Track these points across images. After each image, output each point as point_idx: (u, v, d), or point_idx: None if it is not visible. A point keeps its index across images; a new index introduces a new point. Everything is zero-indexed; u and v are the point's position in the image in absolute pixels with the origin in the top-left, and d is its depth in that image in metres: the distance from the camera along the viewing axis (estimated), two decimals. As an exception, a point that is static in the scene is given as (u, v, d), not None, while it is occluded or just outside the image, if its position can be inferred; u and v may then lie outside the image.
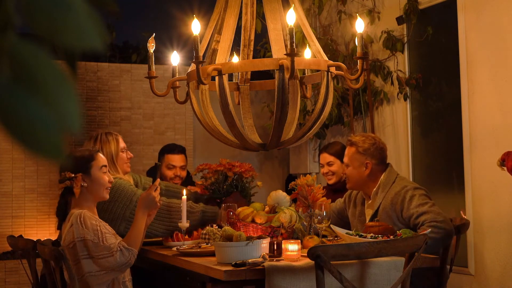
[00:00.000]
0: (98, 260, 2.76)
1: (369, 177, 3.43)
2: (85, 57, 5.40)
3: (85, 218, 2.79)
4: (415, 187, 3.32)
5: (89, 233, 2.75)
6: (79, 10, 0.63)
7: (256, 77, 3.90)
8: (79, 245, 2.76)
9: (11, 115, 0.60)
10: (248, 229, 3.11)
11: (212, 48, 3.27)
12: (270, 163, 6.70)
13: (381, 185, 3.41)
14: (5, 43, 0.61)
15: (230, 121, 3.00)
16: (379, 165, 3.45)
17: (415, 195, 3.24)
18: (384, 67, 5.35)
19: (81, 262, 2.77)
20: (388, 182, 3.40)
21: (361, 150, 3.43)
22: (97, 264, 2.76)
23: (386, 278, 2.70)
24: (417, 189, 3.29)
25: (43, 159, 0.62)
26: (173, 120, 6.09)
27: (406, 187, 3.30)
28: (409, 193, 3.26)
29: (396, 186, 3.35)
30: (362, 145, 3.44)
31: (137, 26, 6.86)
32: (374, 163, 3.43)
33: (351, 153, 3.47)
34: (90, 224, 2.78)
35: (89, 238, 2.75)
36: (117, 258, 2.75)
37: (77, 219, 2.78)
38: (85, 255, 2.76)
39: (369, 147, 3.43)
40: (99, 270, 2.77)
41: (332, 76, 3.16)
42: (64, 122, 0.62)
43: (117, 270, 2.80)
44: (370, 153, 3.43)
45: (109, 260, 2.75)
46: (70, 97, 0.62)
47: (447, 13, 4.81)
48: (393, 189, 3.35)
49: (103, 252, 2.75)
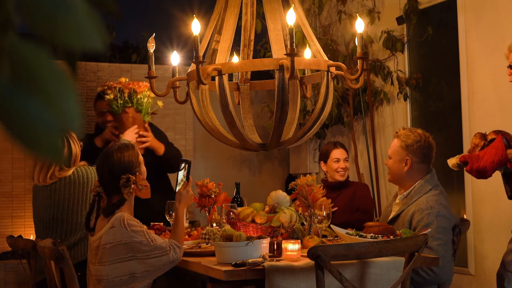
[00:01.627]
0: (148, 260, 2.75)
1: (408, 174, 3.31)
2: (85, 57, 5.40)
3: (129, 221, 2.76)
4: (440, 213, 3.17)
5: (137, 236, 2.74)
6: (79, 10, 0.63)
7: (256, 77, 3.90)
8: (123, 247, 2.74)
9: (11, 115, 0.60)
10: (248, 229, 3.11)
11: (212, 48, 3.27)
12: (270, 163, 6.70)
13: (414, 191, 3.29)
14: (5, 43, 0.61)
15: (230, 121, 3.00)
16: (420, 164, 3.31)
17: (433, 224, 3.12)
18: (384, 67, 5.35)
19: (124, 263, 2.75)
20: (421, 191, 3.27)
21: (404, 145, 3.31)
22: (146, 264, 2.75)
23: (386, 278, 2.70)
24: (440, 217, 3.15)
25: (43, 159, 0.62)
26: (173, 120, 6.09)
27: (431, 208, 3.16)
28: (430, 218, 3.14)
29: (423, 201, 3.22)
30: (405, 139, 3.32)
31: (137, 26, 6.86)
32: (415, 161, 3.30)
33: (395, 146, 3.36)
34: (134, 225, 2.76)
35: (138, 240, 2.73)
36: (170, 256, 2.78)
37: (121, 222, 2.74)
38: (130, 256, 2.74)
39: (412, 143, 3.30)
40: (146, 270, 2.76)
41: (332, 76, 3.16)
42: (64, 122, 0.62)
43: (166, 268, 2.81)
44: (412, 150, 3.30)
45: (162, 259, 2.76)
46: (70, 97, 0.62)
47: (447, 13, 4.82)
48: (419, 203, 3.22)
49: (155, 252, 2.75)
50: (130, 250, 2.75)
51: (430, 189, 3.27)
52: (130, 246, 2.74)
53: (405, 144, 3.32)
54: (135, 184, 2.84)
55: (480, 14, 4.46)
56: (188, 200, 3.04)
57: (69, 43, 0.62)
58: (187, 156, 6.12)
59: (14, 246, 3.47)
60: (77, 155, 3.53)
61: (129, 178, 2.83)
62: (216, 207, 3.78)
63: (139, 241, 2.74)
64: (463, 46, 4.59)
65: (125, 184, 2.82)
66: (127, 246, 2.74)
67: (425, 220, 3.13)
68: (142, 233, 2.76)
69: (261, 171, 6.65)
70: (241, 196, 4.10)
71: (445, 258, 3.09)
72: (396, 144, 3.37)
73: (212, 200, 3.77)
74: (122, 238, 2.74)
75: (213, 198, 3.76)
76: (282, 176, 6.73)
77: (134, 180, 2.83)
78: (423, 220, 3.13)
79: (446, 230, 3.15)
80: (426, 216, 3.14)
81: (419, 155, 3.31)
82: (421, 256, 2.68)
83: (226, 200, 3.75)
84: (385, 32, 5.19)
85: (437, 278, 3.10)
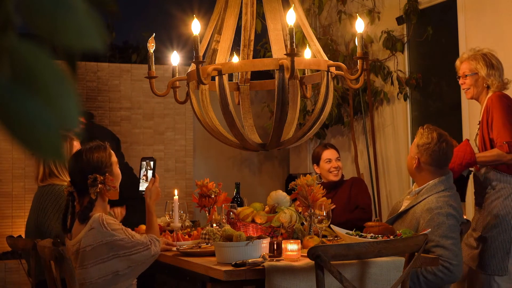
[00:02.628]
0: (131, 256, 2.77)
1: (417, 171, 3.33)
2: (85, 57, 5.40)
3: (107, 220, 2.78)
4: (450, 213, 3.17)
5: (118, 234, 2.75)
6: (79, 10, 0.63)
7: (256, 77, 3.90)
8: (104, 247, 2.75)
9: (11, 115, 0.60)
10: (248, 229, 3.11)
11: (212, 48, 3.27)
12: (270, 163, 6.70)
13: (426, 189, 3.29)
14: (5, 43, 0.61)
15: (230, 121, 3.00)
16: (428, 165, 3.32)
17: (444, 223, 3.12)
18: (384, 67, 5.35)
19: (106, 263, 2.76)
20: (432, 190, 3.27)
21: (417, 143, 3.34)
22: (129, 260, 2.77)
23: (386, 278, 2.70)
24: (450, 216, 3.15)
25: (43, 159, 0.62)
26: (173, 120, 6.09)
27: (441, 208, 3.16)
28: (440, 218, 3.13)
29: (433, 200, 3.22)
30: (420, 138, 3.34)
31: (137, 26, 6.86)
32: (423, 161, 3.31)
33: (413, 142, 3.40)
34: (113, 223, 2.78)
35: (119, 238, 2.75)
36: (152, 250, 2.81)
37: (99, 222, 2.75)
38: (112, 255, 2.76)
39: (423, 144, 3.31)
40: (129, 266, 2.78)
41: (332, 76, 3.16)
42: (64, 122, 0.62)
43: (149, 262, 2.84)
44: (421, 150, 3.31)
45: (144, 254, 2.79)
46: (70, 97, 0.62)
47: (447, 13, 4.82)
48: (429, 202, 3.22)
49: (137, 248, 2.77)
50: (111, 249, 2.75)
51: (443, 190, 3.27)
52: (111, 245, 2.75)
53: (417, 142, 3.35)
54: (103, 184, 2.84)
55: (480, 14, 4.47)
56: (157, 196, 3.09)
57: (69, 43, 0.62)
58: (187, 156, 6.13)
59: (14, 246, 3.47)
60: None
61: (96, 177, 2.83)
62: (216, 207, 3.78)
63: (121, 239, 2.75)
64: (463, 46, 4.59)
65: (92, 183, 2.83)
66: (109, 246, 2.75)
67: (435, 220, 3.13)
68: (121, 231, 2.78)
69: (261, 171, 6.65)
70: (241, 196, 4.10)
71: (459, 257, 3.11)
72: (415, 140, 3.42)
73: (212, 200, 3.77)
74: (103, 238, 2.74)
75: (213, 198, 3.76)
76: (282, 176, 6.73)
77: (101, 180, 2.84)
78: (433, 220, 3.13)
79: (456, 228, 3.17)
80: (436, 216, 3.14)
81: (427, 156, 3.31)
82: (421, 256, 2.68)
83: (226, 200, 3.75)
84: (385, 32, 5.19)
85: (454, 277, 3.10)
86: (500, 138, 3.55)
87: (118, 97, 5.95)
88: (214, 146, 6.05)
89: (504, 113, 3.57)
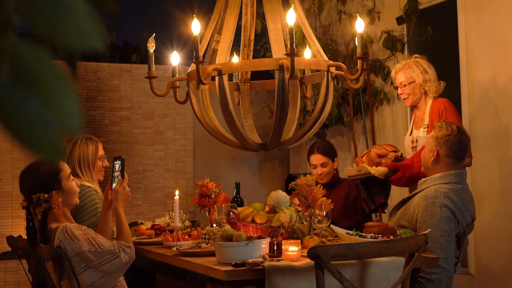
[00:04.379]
0: (101, 267, 2.69)
1: (434, 165, 3.30)
2: (85, 57, 5.40)
3: (72, 230, 2.69)
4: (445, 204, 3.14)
5: (84, 244, 2.67)
6: (79, 10, 0.63)
7: (256, 77, 3.90)
8: (75, 260, 2.69)
9: (11, 115, 0.60)
10: (248, 229, 3.11)
11: (212, 48, 3.27)
12: (270, 163, 6.70)
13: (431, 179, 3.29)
14: (5, 43, 0.61)
15: (230, 121, 3.00)
16: (447, 158, 3.29)
17: (436, 214, 3.10)
18: (384, 67, 5.35)
19: (80, 276, 2.70)
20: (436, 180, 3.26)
21: (435, 136, 3.31)
22: (100, 271, 2.70)
23: (386, 278, 2.70)
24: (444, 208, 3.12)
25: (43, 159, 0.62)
26: (173, 120, 6.09)
27: (436, 198, 3.14)
28: (434, 208, 3.11)
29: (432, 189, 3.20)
30: (438, 131, 3.32)
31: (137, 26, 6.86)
32: (442, 154, 3.28)
33: (428, 136, 3.40)
34: (79, 234, 2.69)
35: (85, 249, 2.67)
36: (122, 258, 2.72)
37: (65, 234, 2.68)
38: (84, 267, 2.69)
39: (442, 136, 3.29)
40: (102, 276, 2.72)
41: (332, 76, 3.16)
42: (64, 122, 0.62)
43: (122, 270, 2.76)
44: (440, 142, 3.29)
45: (114, 263, 2.70)
46: (70, 97, 0.62)
47: (447, 13, 4.82)
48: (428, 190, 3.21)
49: (105, 257, 2.69)
50: (82, 261, 2.69)
51: (447, 182, 3.25)
52: (81, 256, 2.68)
53: (435, 135, 3.34)
54: (47, 202, 2.72)
55: (480, 14, 4.47)
56: (125, 197, 2.93)
57: (69, 43, 0.62)
58: (187, 156, 6.13)
59: (14, 246, 3.47)
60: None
61: (39, 197, 2.72)
62: (216, 207, 3.78)
63: (88, 250, 2.67)
64: (463, 46, 4.59)
65: (36, 203, 2.72)
66: (79, 257, 2.68)
67: (429, 210, 3.11)
68: (88, 241, 2.69)
69: (261, 171, 6.65)
70: (241, 196, 4.09)
71: (446, 250, 3.08)
72: (430, 134, 3.41)
73: (212, 200, 3.77)
74: (72, 251, 2.67)
75: (213, 198, 3.76)
76: (282, 176, 6.73)
77: (45, 198, 2.73)
78: (427, 209, 3.11)
79: (450, 220, 3.13)
80: (430, 205, 3.12)
81: (446, 148, 3.31)
82: (421, 256, 2.68)
83: (226, 200, 3.75)
84: (385, 32, 5.19)
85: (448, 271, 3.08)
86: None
87: (118, 97, 5.95)
88: (214, 146, 6.05)
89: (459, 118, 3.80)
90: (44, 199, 2.72)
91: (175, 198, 3.47)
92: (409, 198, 3.32)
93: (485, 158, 4.38)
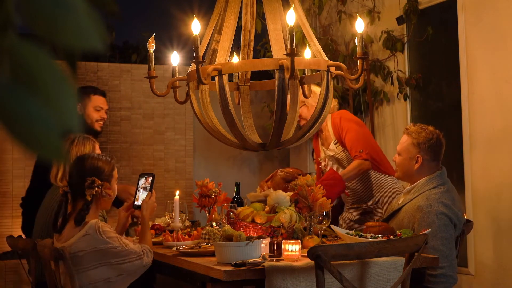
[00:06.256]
0: (123, 265, 2.78)
1: (418, 171, 3.27)
2: (85, 57, 5.40)
3: (103, 227, 2.79)
4: (440, 211, 3.11)
5: (112, 242, 2.77)
6: (79, 10, 0.63)
7: (256, 77, 3.90)
8: (97, 254, 2.75)
9: (11, 115, 0.60)
10: (248, 229, 3.11)
11: (212, 48, 3.27)
12: (270, 163, 6.70)
13: (417, 186, 3.25)
14: (5, 43, 0.61)
15: (230, 121, 3.00)
16: (431, 161, 3.28)
17: (434, 223, 3.08)
18: (384, 67, 5.35)
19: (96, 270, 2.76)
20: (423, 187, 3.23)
21: (415, 142, 3.27)
22: (119, 269, 2.78)
23: (386, 278, 2.70)
24: (441, 215, 3.10)
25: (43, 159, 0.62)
26: (173, 120, 6.09)
27: (431, 207, 3.11)
28: (430, 218, 3.09)
29: (423, 199, 3.17)
30: (417, 137, 3.28)
31: (137, 26, 6.86)
32: (426, 158, 3.27)
33: (405, 143, 3.32)
34: (110, 233, 2.80)
35: (113, 246, 2.76)
36: (144, 260, 2.84)
37: (96, 229, 2.76)
38: (104, 263, 2.76)
39: (424, 141, 3.26)
40: (120, 274, 2.79)
41: (332, 76, 3.16)
42: (64, 122, 0.62)
43: (139, 273, 2.86)
44: (424, 148, 3.26)
45: (136, 264, 2.81)
46: (70, 97, 0.62)
47: (447, 13, 4.82)
48: (420, 200, 3.17)
49: (130, 256, 2.79)
50: (104, 257, 2.76)
51: (434, 186, 3.22)
52: (104, 252, 2.76)
53: (416, 141, 3.28)
54: (99, 188, 2.86)
55: (480, 14, 4.46)
56: (152, 210, 3.19)
57: (69, 43, 0.62)
58: (187, 156, 6.13)
59: (14, 246, 3.47)
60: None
61: (94, 180, 2.85)
62: (216, 207, 3.78)
63: (114, 247, 2.76)
64: (463, 46, 4.59)
65: (89, 185, 2.85)
66: (102, 253, 2.76)
67: (426, 220, 3.10)
68: (116, 239, 2.79)
69: (261, 171, 6.65)
70: (241, 196, 4.09)
71: (449, 258, 3.08)
72: (407, 141, 3.33)
73: (212, 200, 3.77)
74: (96, 245, 2.75)
75: (213, 198, 3.76)
76: (282, 176, 6.72)
77: (99, 184, 2.86)
78: (424, 219, 3.10)
79: (448, 227, 3.12)
80: (426, 215, 3.10)
81: (430, 153, 3.28)
82: (421, 256, 2.68)
83: (226, 200, 3.75)
84: (385, 32, 5.19)
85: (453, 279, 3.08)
86: (354, 149, 3.85)
87: (118, 97, 5.94)
88: (214, 146, 6.05)
89: (352, 126, 3.92)
90: (98, 184, 2.85)
91: (175, 198, 3.47)
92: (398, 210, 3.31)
93: (484, 158, 4.38)
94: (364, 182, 4.00)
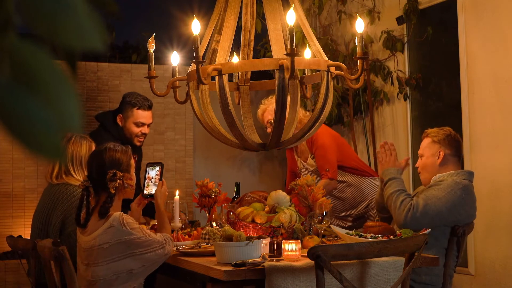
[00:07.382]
0: (146, 255, 2.82)
1: (442, 166, 3.37)
2: (85, 57, 5.40)
3: (127, 219, 2.83)
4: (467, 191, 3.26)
5: (136, 233, 2.81)
6: (79, 10, 0.63)
7: (256, 77, 3.90)
8: (122, 245, 2.80)
9: (11, 115, 0.60)
10: (248, 229, 3.11)
11: (212, 48, 3.27)
12: (270, 163, 6.70)
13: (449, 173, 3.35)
14: (5, 43, 0.61)
15: (230, 121, 3.00)
16: (452, 156, 3.39)
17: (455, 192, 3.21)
18: (384, 67, 5.35)
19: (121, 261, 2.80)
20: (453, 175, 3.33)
21: (436, 139, 3.38)
22: (143, 259, 2.82)
23: (386, 278, 2.70)
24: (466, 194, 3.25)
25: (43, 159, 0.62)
26: (173, 120, 6.09)
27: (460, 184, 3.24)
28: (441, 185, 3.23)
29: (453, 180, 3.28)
30: (436, 135, 3.40)
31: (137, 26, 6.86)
32: (448, 153, 3.37)
33: (426, 144, 3.44)
34: (133, 224, 2.84)
35: (136, 236, 2.80)
36: (166, 248, 2.88)
37: (120, 221, 2.80)
38: (129, 254, 2.81)
39: (444, 137, 3.38)
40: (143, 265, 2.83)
41: (332, 76, 3.16)
42: (64, 122, 0.62)
43: (160, 262, 2.90)
44: (444, 143, 3.37)
45: (158, 253, 2.85)
46: (70, 97, 0.62)
47: (447, 13, 4.82)
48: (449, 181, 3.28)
49: (153, 246, 2.84)
50: (128, 248, 2.80)
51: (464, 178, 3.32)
52: (128, 243, 2.80)
53: (436, 139, 3.40)
54: (121, 180, 2.91)
55: (480, 14, 4.47)
56: (165, 197, 3.21)
57: (69, 43, 0.62)
58: (187, 156, 6.13)
59: (14, 246, 3.47)
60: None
61: (116, 173, 2.89)
62: (216, 207, 3.78)
63: (138, 237, 2.81)
64: (463, 46, 4.59)
65: (111, 178, 2.88)
66: (126, 244, 2.80)
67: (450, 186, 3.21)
68: (139, 230, 2.84)
69: (261, 171, 6.64)
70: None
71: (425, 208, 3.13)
72: (427, 141, 3.45)
73: (212, 200, 3.77)
74: (121, 237, 2.79)
75: (213, 198, 3.76)
76: (282, 176, 6.73)
77: (120, 176, 2.90)
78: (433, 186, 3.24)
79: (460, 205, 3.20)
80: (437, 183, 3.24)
81: (450, 147, 3.38)
82: (421, 256, 2.68)
83: (226, 200, 3.75)
84: (385, 32, 5.19)
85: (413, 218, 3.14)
86: (321, 167, 4.02)
87: (118, 97, 5.93)
88: (214, 146, 6.05)
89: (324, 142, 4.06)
90: (119, 176, 2.89)
91: (175, 198, 3.47)
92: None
93: (485, 158, 4.38)
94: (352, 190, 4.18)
